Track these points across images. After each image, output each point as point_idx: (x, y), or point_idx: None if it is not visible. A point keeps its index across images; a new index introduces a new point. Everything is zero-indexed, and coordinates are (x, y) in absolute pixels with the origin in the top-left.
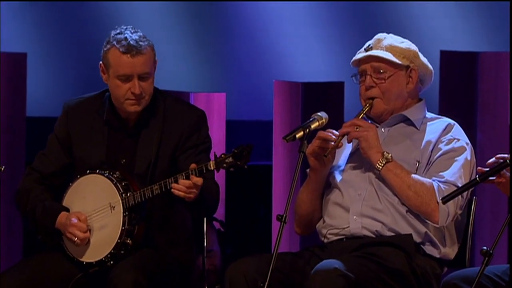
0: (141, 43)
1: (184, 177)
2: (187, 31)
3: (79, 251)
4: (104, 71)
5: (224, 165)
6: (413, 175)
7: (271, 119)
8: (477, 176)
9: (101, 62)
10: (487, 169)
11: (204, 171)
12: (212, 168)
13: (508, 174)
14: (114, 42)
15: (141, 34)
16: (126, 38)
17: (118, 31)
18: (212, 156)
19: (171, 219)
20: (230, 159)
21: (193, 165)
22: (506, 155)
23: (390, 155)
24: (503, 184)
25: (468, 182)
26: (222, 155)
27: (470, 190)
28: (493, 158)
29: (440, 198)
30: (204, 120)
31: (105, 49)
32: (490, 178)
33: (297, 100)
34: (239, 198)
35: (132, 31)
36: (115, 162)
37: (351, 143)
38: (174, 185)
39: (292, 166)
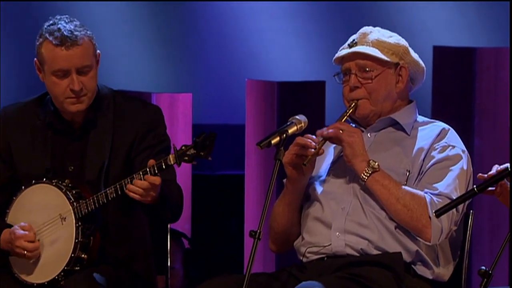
0: (76, 33)
1: (142, 176)
2: (149, 27)
3: (29, 272)
4: (40, 69)
5: (186, 158)
6: (402, 187)
7: (243, 123)
8: (474, 186)
9: (35, 59)
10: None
11: (164, 166)
12: (172, 162)
13: (509, 184)
14: (47, 35)
15: (77, 23)
16: (59, 29)
17: (51, 21)
18: (172, 151)
19: (128, 229)
20: (192, 150)
21: (151, 161)
22: (507, 165)
23: (377, 163)
24: (503, 195)
25: (464, 193)
26: (183, 147)
27: (467, 202)
28: (493, 170)
29: (433, 212)
30: (161, 117)
31: (37, 43)
32: (489, 188)
33: (272, 102)
34: (207, 211)
35: (67, 20)
36: (62, 169)
37: (332, 151)
38: (129, 186)
39: (267, 176)
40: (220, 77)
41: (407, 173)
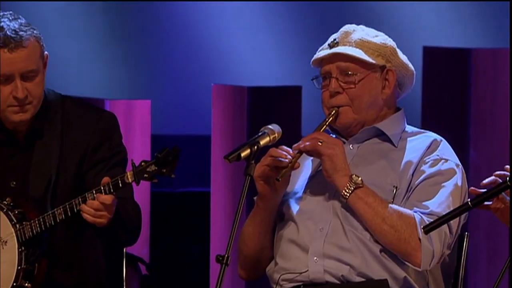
0: (21, 33)
1: (95, 196)
2: (103, 26)
3: None
4: None
5: (146, 175)
6: (389, 205)
7: (209, 133)
8: (469, 200)
9: None
10: (483, 190)
11: (121, 185)
12: (130, 180)
13: (508, 198)
14: None
15: (23, 21)
16: (2, 28)
17: None
18: (129, 166)
19: (79, 254)
20: (153, 167)
21: (106, 179)
22: (506, 172)
23: (360, 178)
24: (501, 210)
25: (457, 207)
26: (142, 163)
27: (461, 223)
28: (492, 177)
29: (422, 229)
30: (116, 126)
31: None
32: (486, 203)
33: (242, 109)
34: (167, 233)
35: (11, 18)
36: (3, 185)
37: (310, 164)
38: (82, 206)
39: (236, 193)
40: (182, 82)
41: (394, 190)
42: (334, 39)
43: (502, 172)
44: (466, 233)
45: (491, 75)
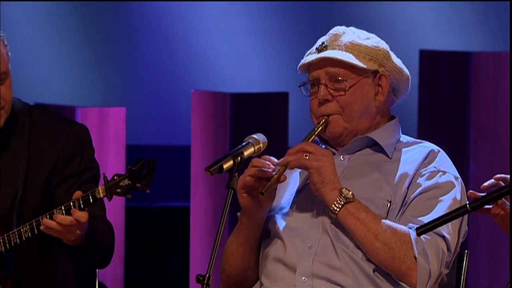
0: None
1: (64, 212)
2: (73, 28)
3: None
4: None
5: (119, 190)
6: (382, 221)
7: (189, 143)
8: (467, 203)
9: None
10: (483, 194)
11: (92, 200)
12: (101, 195)
13: (508, 204)
14: None
15: None
16: None
17: None
18: (102, 180)
19: (47, 275)
20: (126, 181)
21: (77, 193)
22: (507, 176)
23: (350, 192)
24: (501, 216)
25: (454, 209)
26: (115, 177)
27: (460, 241)
28: (492, 180)
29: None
30: (88, 138)
31: None
32: (486, 206)
33: (224, 118)
34: (143, 252)
35: None
36: None
37: (297, 177)
38: (46, 221)
39: (218, 208)
40: (160, 88)
41: (388, 204)
42: (322, 43)
43: (503, 176)
44: (466, 251)
45: (493, 80)
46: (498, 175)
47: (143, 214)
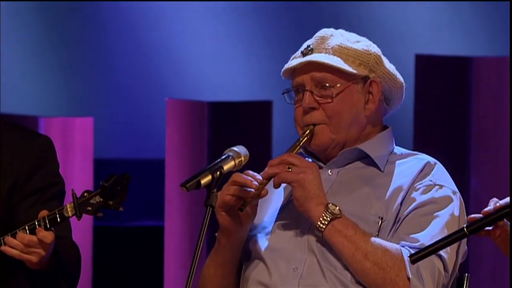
0: None
1: (28, 232)
2: (35, 30)
3: None
4: None
5: (89, 208)
6: (372, 239)
7: (163, 157)
8: (465, 226)
9: None
10: (480, 215)
11: (59, 219)
12: (70, 214)
13: (509, 224)
14: None
15: None
16: None
17: None
18: (69, 197)
19: None
20: (98, 198)
21: (43, 212)
22: (507, 200)
23: (337, 208)
24: (502, 238)
25: (452, 233)
26: (85, 194)
27: (458, 262)
28: (491, 206)
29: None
30: (52, 151)
31: None
32: (486, 228)
33: (201, 128)
34: (113, 275)
35: None
36: None
37: (281, 192)
38: (8, 240)
39: (194, 227)
40: (131, 96)
41: (380, 221)
42: (308, 46)
43: (504, 201)
44: (467, 274)
45: (495, 88)
46: (498, 203)
47: (112, 235)
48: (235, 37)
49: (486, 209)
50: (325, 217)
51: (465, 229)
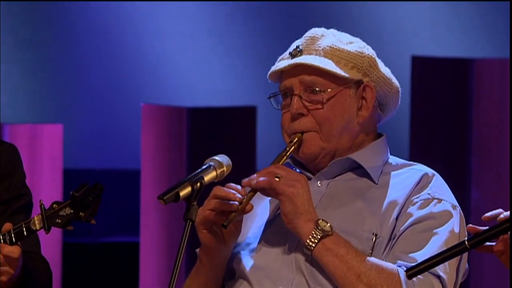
0: None
1: None
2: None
3: None
4: None
5: (58, 220)
6: (366, 258)
7: (138, 167)
8: (466, 240)
9: None
10: (484, 227)
11: (26, 233)
12: (37, 227)
13: None
14: None
15: None
16: None
17: None
18: (37, 209)
19: None
20: (68, 209)
21: (7, 225)
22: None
23: (328, 224)
24: (506, 254)
25: (452, 246)
26: (54, 205)
27: (459, 281)
28: (499, 210)
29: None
30: (17, 161)
31: None
32: (487, 243)
33: (180, 136)
34: None
35: None
36: None
37: (267, 206)
38: None
39: (172, 243)
40: (104, 102)
41: (374, 238)
42: (297, 46)
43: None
44: None
45: (498, 92)
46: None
47: (84, 251)
48: (216, 37)
49: (488, 214)
50: (315, 235)
51: (466, 242)
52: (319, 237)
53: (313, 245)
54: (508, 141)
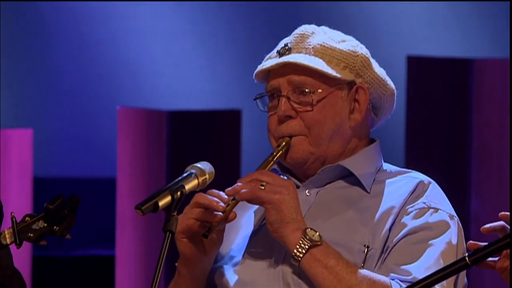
0: None
1: None
2: None
3: None
4: None
5: (31, 234)
6: (358, 270)
7: (114, 175)
8: (466, 255)
9: None
10: (484, 243)
11: None
12: (8, 241)
13: None
14: None
15: None
16: None
17: None
18: (7, 222)
19: None
20: (41, 223)
21: None
22: None
23: (317, 234)
24: (509, 270)
25: (451, 264)
26: (27, 218)
27: None
28: (495, 224)
29: None
30: None
31: None
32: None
33: (159, 141)
34: None
35: None
36: None
37: (251, 215)
38: None
39: (150, 257)
40: (78, 106)
41: (365, 250)
42: (286, 44)
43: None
44: None
45: (500, 94)
46: (504, 212)
47: (56, 265)
48: (199, 36)
49: (488, 225)
50: (302, 245)
51: (467, 259)
52: (307, 247)
53: (301, 255)
54: (510, 145)
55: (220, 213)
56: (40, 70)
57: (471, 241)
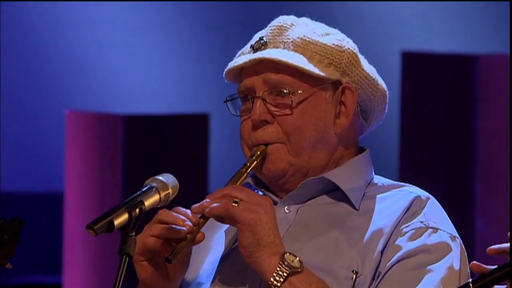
0: None
1: None
2: None
3: None
4: None
5: None
6: None
7: (62, 189)
8: (470, 282)
9: None
10: (491, 267)
11: None
12: None
13: None
14: None
15: None
16: None
17: None
18: None
19: None
20: None
21: None
22: None
23: (297, 259)
24: None
25: None
26: None
27: None
28: (502, 245)
29: None
30: None
31: None
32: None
33: (114, 149)
34: None
35: None
36: None
37: (222, 236)
38: None
39: (103, 284)
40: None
41: (354, 277)
42: (261, 38)
43: None
44: None
45: (506, 95)
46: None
47: None
48: (160, 33)
49: (494, 246)
50: (280, 272)
51: (470, 285)
52: (285, 274)
53: (278, 284)
54: None
55: (185, 228)
56: None
57: (474, 262)
